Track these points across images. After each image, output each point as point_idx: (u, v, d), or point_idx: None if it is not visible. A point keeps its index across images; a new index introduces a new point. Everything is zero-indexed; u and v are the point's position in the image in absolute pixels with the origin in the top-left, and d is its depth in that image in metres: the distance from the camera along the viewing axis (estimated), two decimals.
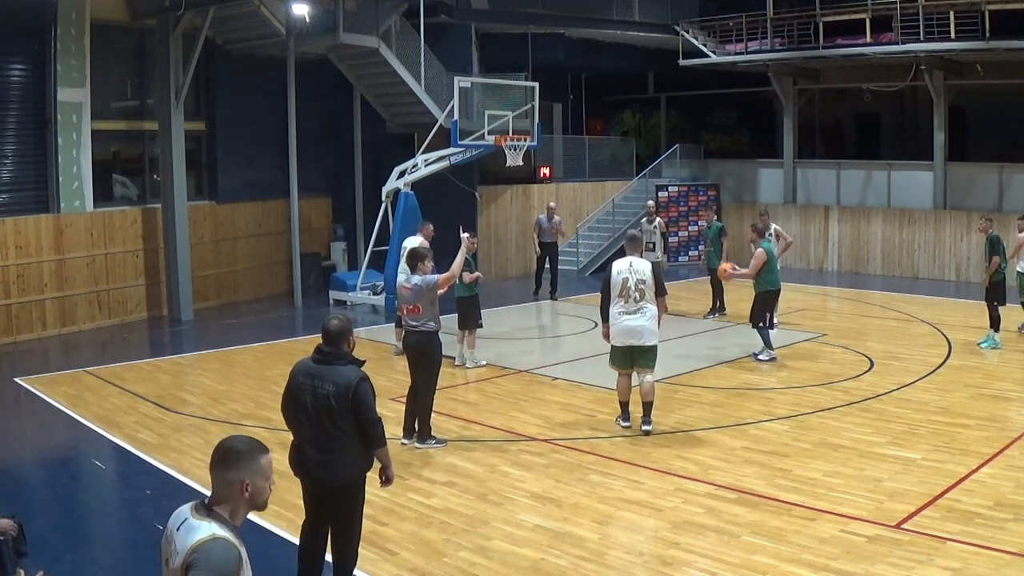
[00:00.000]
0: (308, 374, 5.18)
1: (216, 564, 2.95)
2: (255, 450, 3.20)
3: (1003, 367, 11.35)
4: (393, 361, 12.88)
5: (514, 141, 16.22)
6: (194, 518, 3.09)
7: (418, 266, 8.40)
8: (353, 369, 5.14)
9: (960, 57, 18.80)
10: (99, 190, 15.37)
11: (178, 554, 3.01)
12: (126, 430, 9.28)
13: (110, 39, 15.70)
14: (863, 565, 5.79)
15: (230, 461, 3.16)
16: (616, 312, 8.63)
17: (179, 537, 3.06)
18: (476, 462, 8.14)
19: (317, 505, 5.32)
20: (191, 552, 2.96)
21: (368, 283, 16.84)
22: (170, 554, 3.08)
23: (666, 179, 23.31)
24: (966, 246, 19.16)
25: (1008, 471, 7.50)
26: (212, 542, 2.98)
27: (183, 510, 3.18)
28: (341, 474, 5.12)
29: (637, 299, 8.57)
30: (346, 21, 16.52)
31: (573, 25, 21.72)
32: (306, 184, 18.15)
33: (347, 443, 5.08)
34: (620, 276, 8.65)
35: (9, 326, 13.90)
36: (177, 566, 2.99)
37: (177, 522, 3.14)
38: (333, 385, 5.05)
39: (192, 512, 3.13)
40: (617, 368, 8.88)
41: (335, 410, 5.03)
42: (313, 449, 5.14)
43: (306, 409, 5.14)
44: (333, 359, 5.15)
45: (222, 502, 3.15)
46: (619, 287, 8.63)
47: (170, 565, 3.06)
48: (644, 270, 8.65)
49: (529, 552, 6.20)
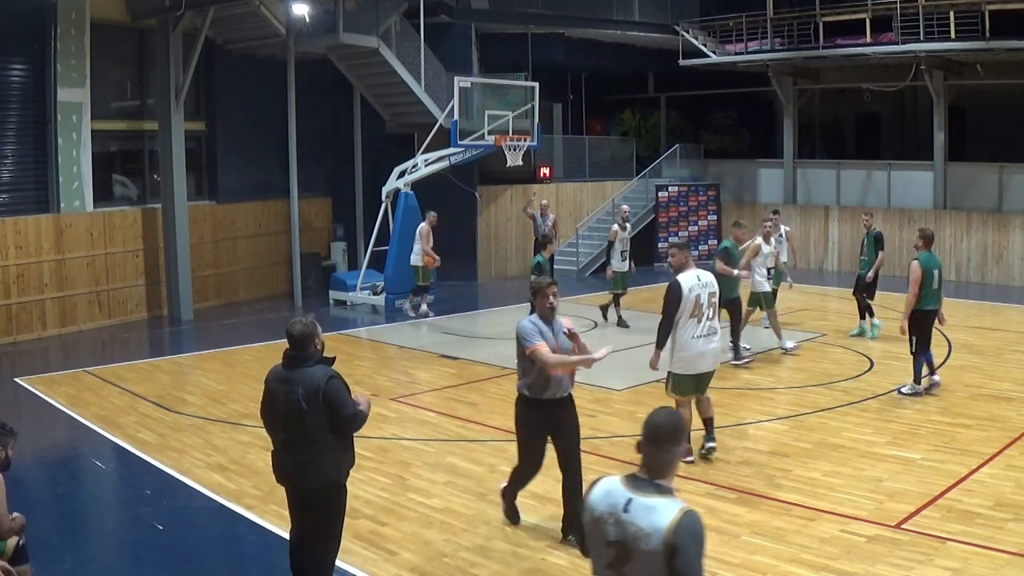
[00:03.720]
0: (279, 380, 5.15)
1: (700, 535, 3.00)
2: (681, 423, 3.27)
3: (1003, 367, 11.36)
4: (393, 361, 12.90)
5: (514, 141, 16.22)
6: (646, 497, 3.07)
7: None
8: (321, 369, 5.09)
9: (960, 57, 18.80)
10: (99, 190, 15.36)
11: (648, 535, 2.98)
12: (126, 430, 9.28)
13: (110, 39, 15.69)
14: (863, 565, 5.79)
15: (673, 436, 3.17)
16: (690, 336, 7.46)
17: (639, 518, 3.02)
18: (476, 462, 8.14)
19: (300, 512, 5.29)
20: (672, 533, 2.95)
21: (368, 283, 16.84)
22: (628, 537, 3.04)
23: (666, 179, 23.32)
24: (966, 246, 19.17)
25: (1008, 471, 7.50)
26: (685, 516, 2.99)
27: (615, 489, 3.15)
28: (318, 476, 5.08)
29: (710, 317, 7.53)
30: (346, 21, 16.52)
31: (573, 25, 21.71)
32: (306, 184, 18.15)
33: (322, 445, 5.04)
34: (692, 293, 7.45)
35: (9, 326, 13.89)
36: (655, 547, 2.96)
37: (619, 502, 3.10)
38: (302, 387, 5.01)
39: (635, 491, 3.10)
40: (679, 396, 7.73)
41: (306, 412, 4.99)
42: (289, 453, 5.13)
43: (280, 414, 5.12)
44: (300, 362, 5.10)
45: (663, 475, 3.14)
46: (692, 306, 7.44)
47: (635, 547, 3.01)
48: (712, 282, 7.64)
49: (529, 552, 6.20)
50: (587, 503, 3.21)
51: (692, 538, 2.97)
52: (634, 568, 3.04)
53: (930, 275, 9.80)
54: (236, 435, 9.03)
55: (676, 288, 7.47)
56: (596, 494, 3.19)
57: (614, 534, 3.08)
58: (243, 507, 7.14)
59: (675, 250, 7.77)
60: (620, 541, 3.06)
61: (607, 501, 3.14)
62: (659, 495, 3.07)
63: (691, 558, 2.95)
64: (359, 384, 10.98)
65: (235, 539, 6.72)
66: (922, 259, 9.85)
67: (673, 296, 7.48)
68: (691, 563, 2.95)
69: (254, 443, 8.58)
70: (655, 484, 3.11)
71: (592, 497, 3.20)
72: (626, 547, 3.05)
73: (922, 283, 9.76)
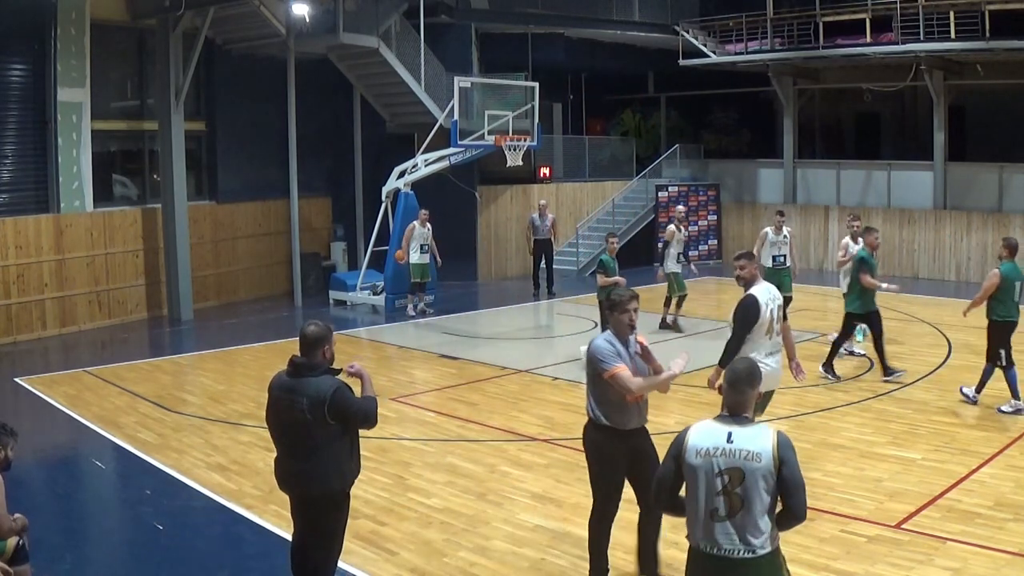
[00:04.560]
0: (284, 388, 5.09)
1: (794, 447, 3.81)
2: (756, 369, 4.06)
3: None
4: (393, 361, 12.90)
5: (514, 141, 16.22)
6: (742, 427, 3.83)
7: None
8: (327, 379, 5.02)
9: (960, 57, 18.80)
10: (99, 190, 15.36)
11: (758, 455, 3.73)
12: (126, 430, 9.28)
13: (110, 39, 15.69)
14: (863, 565, 5.80)
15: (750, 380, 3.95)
16: (763, 355, 6.82)
17: (745, 444, 3.76)
18: (476, 462, 8.14)
19: (302, 518, 5.26)
20: (777, 448, 3.75)
21: (368, 283, 16.85)
22: (739, 461, 3.74)
23: (666, 179, 23.32)
24: (966, 246, 19.16)
25: (1008, 471, 7.50)
26: (780, 434, 3.81)
27: (712, 428, 3.85)
28: (319, 483, 5.04)
29: (777, 332, 7.00)
30: (346, 21, 16.52)
31: (573, 25, 21.71)
32: (306, 184, 18.15)
33: (325, 453, 5.01)
34: (768, 309, 6.87)
35: (9, 326, 13.90)
36: (766, 463, 3.71)
37: (721, 437, 3.81)
38: (307, 398, 4.95)
39: (730, 425, 3.84)
40: None
41: (311, 422, 4.95)
42: (291, 460, 5.10)
43: (284, 424, 5.09)
44: (306, 371, 5.04)
45: (745, 411, 3.91)
46: (767, 324, 6.88)
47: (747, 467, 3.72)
48: (778, 295, 7.11)
49: (529, 552, 6.20)
50: (688, 446, 3.84)
51: (791, 450, 3.78)
52: (746, 486, 3.72)
53: (1011, 286, 9.31)
54: (236, 435, 9.04)
55: (753, 304, 6.85)
56: (696, 436, 3.86)
57: (724, 463, 3.76)
58: (243, 507, 7.14)
59: (744, 261, 7.07)
60: (732, 467, 3.74)
61: (710, 439, 3.82)
62: (751, 424, 3.84)
63: (794, 466, 3.76)
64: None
65: (235, 539, 6.72)
66: (1004, 269, 9.35)
67: (750, 313, 6.83)
68: (795, 469, 3.76)
69: (254, 443, 8.58)
70: (742, 417, 3.87)
71: (693, 440, 3.85)
72: (738, 470, 3.73)
73: (1000, 293, 9.27)
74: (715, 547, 3.78)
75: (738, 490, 3.72)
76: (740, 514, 3.73)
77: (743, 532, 3.73)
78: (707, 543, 3.80)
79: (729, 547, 3.75)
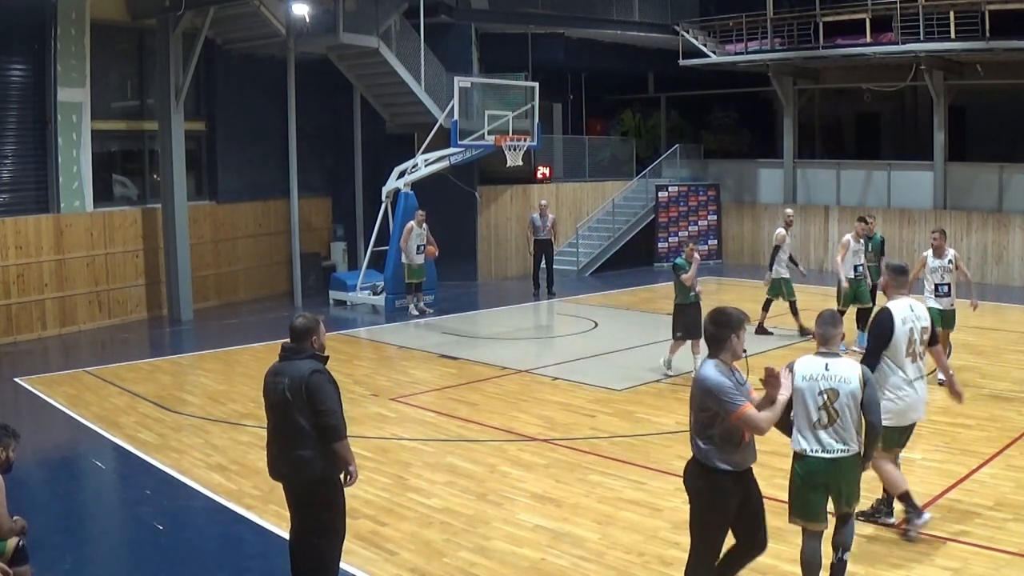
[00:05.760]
0: (272, 372, 5.23)
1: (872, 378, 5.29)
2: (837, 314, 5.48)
3: (1003, 367, 11.35)
4: (393, 361, 12.89)
5: (514, 141, 16.22)
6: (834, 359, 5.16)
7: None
8: (309, 362, 5.11)
9: (960, 57, 18.79)
10: (99, 190, 15.35)
11: (849, 378, 5.08)
12: (126, 430, 9.28)
13: (110, 39, 15.69)
14: (863, 565, 5.80)
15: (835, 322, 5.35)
16: (902, 380, 6.13)
17: (839, 371, 5.11)
18: (476, 462, 8.14)
19: (295, 508, 5.29)
20: (862, 373, 5.14)
21: (368, 283, 16.84)
22: (836, 383, 5.08)
23: (666, 179, 23.30)
24: (966, 246, 19.14)
25: (1008, 471, 7.51)
26: (865, 367, 5.33)
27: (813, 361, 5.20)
28: (304, 469, 5.06)
29: (921, 355, 6.25)
30: (346, 21, 16.51)
31: (573, 25, 21.70)
32: (306, 184, 18.14)
33: (308, 438, 5.04)
34: (906, 326, 6.13)
35: (9, 326, 13.89)
36: (855, 385, 5.07)
37: (819, 366, 5.14)
38: (288, 378, 5.06)
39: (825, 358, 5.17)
40: (885, 449, 6.12)
41: (291, 404, 5.02)
42: (277, 446, 5.17)
43: (269, 405, 5.19)
44: (294, 355, 5.17)
45: (834, 346, 5.26)
46: (906, 343, 6.13)
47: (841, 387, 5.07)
48: (925, 316, 6.29)
49: (529, 552, 6.20)
50: (798, 372, 5.10)
51: (872, 379, 5.23)
52: (840, 401, 5.04)
53: None
54: (236, 435, 9.04)
55: (886, 318, 6.14)
56: (804, 367, 5.15)
57: (824, 385, 5.08)
58: (243, 507, 7.14)
59: (890, 275, 6.44)
60: (830, 388, 5.06)
61: (812, 368, 5.14)
62: (841, 356, 5.20)
63: (873, 389, 5.18)
64: (359, 384, 11.00)
65: (235, 539, 6.72)
66: None
67: (882, 329, 6.13)
68: (874, 392, 5.19)
69: (254, 443, 8.58)
70: (833, 352, 5.22)
71: (801, 369, 5.13)
72: (835, 390, 5.06)
73: None
74: (821, 448, 5.08)
75: (835, 405, 5.04)
76: (837, 423, 5.05)
77: (840, 435, 5.05)
78: (814, 446, 5.10)
79: (831, 447, 5.06)
